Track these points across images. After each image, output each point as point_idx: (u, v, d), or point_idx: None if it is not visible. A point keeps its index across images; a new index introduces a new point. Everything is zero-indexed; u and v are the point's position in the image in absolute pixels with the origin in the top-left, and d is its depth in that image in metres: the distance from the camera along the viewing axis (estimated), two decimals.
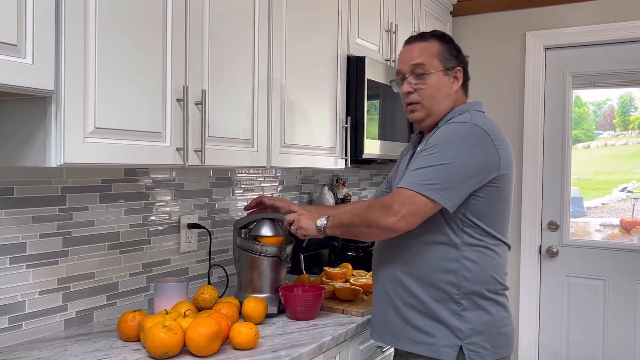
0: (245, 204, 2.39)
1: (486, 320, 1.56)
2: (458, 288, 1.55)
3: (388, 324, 1.65)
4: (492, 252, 1.58)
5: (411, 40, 1.71)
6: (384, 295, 1.65)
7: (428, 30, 3.12)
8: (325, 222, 1.67)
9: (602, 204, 3.40)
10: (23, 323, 1.57)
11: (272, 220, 1.91)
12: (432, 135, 1.58)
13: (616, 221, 3.33)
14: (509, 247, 1.66)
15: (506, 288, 1.63)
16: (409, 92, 1.65)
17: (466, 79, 1.70)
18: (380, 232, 1.54)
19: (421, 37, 1.69)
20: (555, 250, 3.32)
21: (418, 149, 1.64)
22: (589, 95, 3.40)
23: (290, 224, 1.76)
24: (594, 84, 3.29)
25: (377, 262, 1.72)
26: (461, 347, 1.54)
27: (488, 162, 1.52)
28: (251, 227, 1.92)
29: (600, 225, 3.39)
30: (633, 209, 3.30)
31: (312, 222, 1.70)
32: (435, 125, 1.65)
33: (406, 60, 1.67)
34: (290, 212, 1.82)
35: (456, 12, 3.51)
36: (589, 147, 3.42)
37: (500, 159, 1.54)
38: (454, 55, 1.67)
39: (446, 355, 1.54)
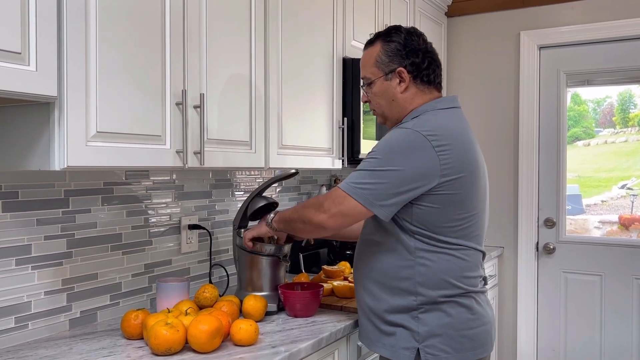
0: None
1: (445, 322, 1.53)
2: (415, 294, 1.54)
3: (363, 329, 1.70)
4: (449, 257, 1.54)
5: (365, 45, 1.71)
6: (358, 301, 1.71)
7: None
8: (272, 216, 1.73)
9: (602, 201, 3.42)
10: (29, 323, 1.61)
11: None
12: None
13: (615, 218, 3.35)
14: (479, 251, 1.61)
15: (467, 291, 1.56)
16: (366, 101, 1.72)
17: (424, 72, 1.61)
18: (313, 228, 1.58)
19: (370, 42, 1.69)
20: (552, 247, 3.36)
21: None
22: (588, 93, 3.43)
23: (249, 240, 1.85)
24: (588, 82, 3.32)
25: (354, 270, 1.75)
26: (418, 349, 1.53)
27: (424, 172, 1.47)
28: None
29: (599, 222, 3.41)
30: (632, 206, 3.32)
31: (262, 222, 1.79)
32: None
33: (360, 70, 1.73)
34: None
35: (451, 13, 3.54)
36: (589, 144, 3.44)
37: (442, 165, 1.47)
38: (395, 55, 1.61)
39: (403, 357, 1.54)
